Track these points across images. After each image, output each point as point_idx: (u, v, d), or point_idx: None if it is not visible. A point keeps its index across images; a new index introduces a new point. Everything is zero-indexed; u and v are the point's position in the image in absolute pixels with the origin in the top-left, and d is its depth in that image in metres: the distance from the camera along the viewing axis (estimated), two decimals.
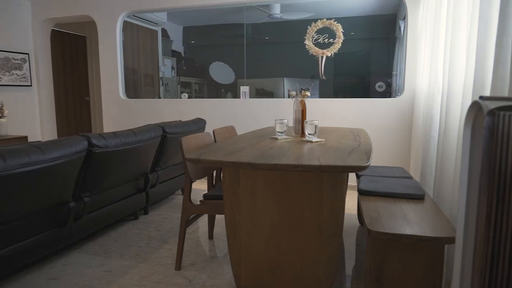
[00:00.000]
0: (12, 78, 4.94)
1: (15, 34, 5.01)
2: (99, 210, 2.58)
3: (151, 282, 2.05)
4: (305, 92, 2.39)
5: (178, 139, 3.15)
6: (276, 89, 6.08)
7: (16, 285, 2.04)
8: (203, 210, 2.17)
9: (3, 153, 1.74)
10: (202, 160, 1.60)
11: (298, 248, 1.72)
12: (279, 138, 2.24)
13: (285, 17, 5.96)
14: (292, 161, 1.50)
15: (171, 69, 6.60)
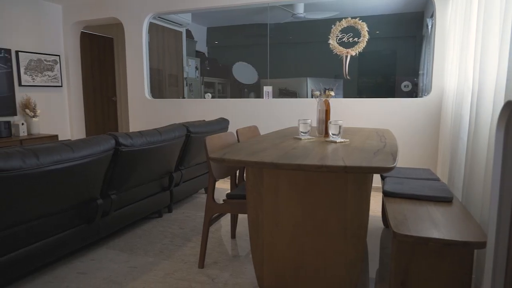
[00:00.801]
0: (44, 79, 5.14)
1: (47, 37, 5.21)
2: (125, 207, 2.64)
3: (175, 279, 2.09)
4: (329, 92, 2.36)
5: (202, 138, 3.18)
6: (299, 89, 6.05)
7: (47, 278, 2.12)
8: (226, 209, 2.19)
9: (36, 151, 1.81)
10: (226, 160, 1.62)
11: (322, 249, 1.71)
12: (302, 138, 2.22)
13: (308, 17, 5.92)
14: (316, 162, 1.49)
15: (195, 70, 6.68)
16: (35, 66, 4.99)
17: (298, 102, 4.31)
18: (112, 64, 6.79)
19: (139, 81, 5.04)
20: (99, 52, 6.46)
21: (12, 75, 4.66)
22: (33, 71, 4.98)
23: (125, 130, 6.87)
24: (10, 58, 4.63)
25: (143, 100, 5.05)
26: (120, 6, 5.00)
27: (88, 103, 6.16)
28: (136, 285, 2.03)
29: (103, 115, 6.62)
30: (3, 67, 4.55)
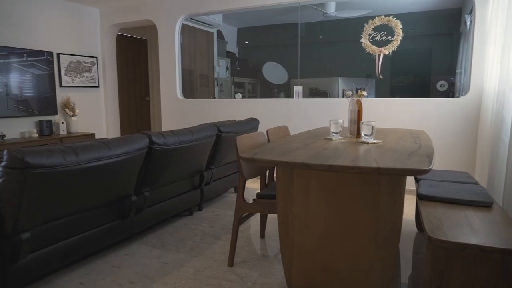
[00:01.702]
0: (82, 79, 5.37)
1: (85, 39, 5.43)
2: (157, 204, 2.72)
3: (205, 277, 2.12)
4: (362, 91, 2.32)
5: (232, 138, 3.21)
6: (330, 89, 5.98)
7: (84, 270, 2.21)
8: (256, 209, 2.20)
9: (75, 149, 1.90)
10: (256, 160, 1.63)
11: (352, 252, 1.68)
12: (333, 138, 2.20)
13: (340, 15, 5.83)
14: (348, 163, 1.47)
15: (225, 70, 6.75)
16: (74, 67, 5.23)
17: (328, 102, 4.26)
18: (146, 65, 6.98)
19: (171, 82, 5.15)
20: (133, 53, 6.67)
21: (53, 76, 4.90)
22: (73, 72, 5.21)
23: (158, 129, 7.04)
24: (52, 60, 4.87)
25: (175, 100, 5.16)
26: (154, 8, 5.13)
27: (123, 103, 6.37)
28: (167, 280, 2.08)
29: (137, 115, 6.82)
30: (46, 68, 4.79)
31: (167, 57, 5.14)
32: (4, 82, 4.34)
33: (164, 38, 5.13)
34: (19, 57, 4.48)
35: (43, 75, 4.76)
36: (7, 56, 4.35)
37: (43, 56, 4.75)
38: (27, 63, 4.57)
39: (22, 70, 4.52)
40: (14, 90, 4.45)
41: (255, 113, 4.62)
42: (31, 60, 4.62)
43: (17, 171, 1.67)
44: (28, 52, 4.58)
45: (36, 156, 1.71)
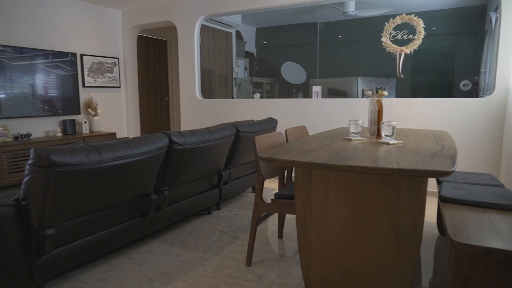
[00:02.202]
0: (105, 80, 5.49)
1: (108, 41, 5.55)
2: (176, 203, 2.75)
3: (223, 276, 2.13)
4: (382, 91, 2.29)
5: (251, 138, 3.22)
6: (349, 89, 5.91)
7: (106, 266, 2.26)
8: (274, 209, 2.20)
9: (98, 147, 1.94)
10: (275, 160, 1.62)
11: (371, 254, 1.66)
12: (353, 139, 2.17)
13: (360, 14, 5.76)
14: (368, 163, 1.45)
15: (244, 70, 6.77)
16: (97, 68, 5.35)
17: (348, 102, 4.21)
18: (165, 66, 7.08)
19: (190, 82, 5.21)
20: (153, 54, 6.77)
21: (77, 77, 5.03)
22: (95, 73, 5.33)
23: (177, 129, 7.13)
24: (76, 61, 5.00)
25: (194, 100, 5.21)
26: (174, 9, 5.20)
27: (143, 102, 6.48)
28: (186, 278, 2.10)
29: (156, 114, 6.92)
30: (70, 69, 4.92)
31: (186, 57, 5.20)
32: (31, 82, 4.48)
33: (183, 38, 5.19)
34: (45, 58, 4.62)
35: (67, 75, 4.89)
36: (33, 58, 4.49)
37: (67, 57, 4.88)
38: (52, 64, 4.70)
39: (47, 71, 4.65)
40: (40, 91, 4.59)
41: (273, 113, 4.62)
42: (56, 61, 4.75)
43: (43, 169, 1.73)
44: (53, 53, 4.71)
45: (61, 154, 1.76)
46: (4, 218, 1.72)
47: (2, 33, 4.25)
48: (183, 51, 5.22)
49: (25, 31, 4.48)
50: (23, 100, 4.42)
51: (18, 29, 4.41)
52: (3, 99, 4.22)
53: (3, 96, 4.22)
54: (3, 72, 4.20)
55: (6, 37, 4.29)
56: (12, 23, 4.35)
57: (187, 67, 5.21)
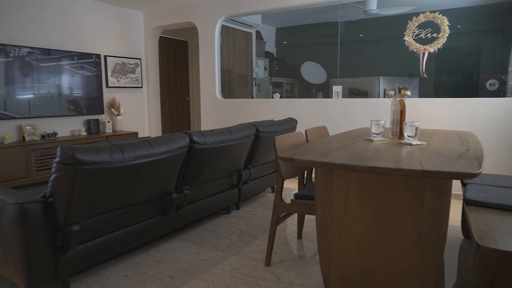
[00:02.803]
0: (127, 80, 5.61)
1: (130, 42, 5.67)
2: (196, 202, 2.78)
3: (242, 275, 2.14)
4: (405, 91, 2.24)
5: (270, 138, 3.22)
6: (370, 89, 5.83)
7: (128, 263, 2.31)
8: (293, 209, 2.19)
9: (121, 146, 1.99)
10: (295, 160, 1.62)
11: (393, 257, 1.63)
12: (374, 139, 2.14)
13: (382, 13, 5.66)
14: (391, 164, 1.43)
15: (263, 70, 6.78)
16: (120, 69, 5.47)
17: (369, 102, 4.15)
18: (186, 66, 7.17)
19: (210, 82, 5.25)
20: (174, 54, 6.86)
21: (101, 78, 5.15)
22: (118, 74, 5.45)
23: (197, 129, 7.21)
24: (100, 62, 5.12)
25: (214, 99, 5.25)
26: (195, 10, 5.25)
27: (164, 102, 6.58)
28: (206, 277, 2.12)
29: (177, 114, 7.02)
30: (94, 70, 5.05)
31: (206, 57, 5.25)
32: (57, 83, 4.62)
33: (204, 39, 5.24)
34: (70, 59, 4.75)
35: (91, 76, 5.02)
36: (59, 59, 4.63)
37: (91, 59, 5.01)
38: (77, 65, 4.84)
39: (73, 72, 4.79)
40: (65, 91, 4.73)
41: (293, 113, 4.60)
42: (81, 63, 4.88)
43: (69, 167, 1.78)
44: (78, 54, 4.85)
45: (86, 153, 1.81)
46: (32, 214, 1.79)
47: (30, 35, 4.40)
48: (204, 51, 5.27)
49: (52, 33, 4.62)
50: (50, 100, 4.56)
51: (45, 31, 4.56)
52: (32, 99, 4.37)
53: (32, 96, 4.37)
54: (31, 73, 4.35)
55: (34, 39, 4.44)
56: (40, 26, 4.50)
57: (207, 67, 5.26)
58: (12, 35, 4.23)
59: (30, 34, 4.40)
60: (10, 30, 4.22)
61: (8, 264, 1.87)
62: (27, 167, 4.02)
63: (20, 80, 4.25)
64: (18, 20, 4.30)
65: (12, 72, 4.19)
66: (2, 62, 4.10)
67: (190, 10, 5.31)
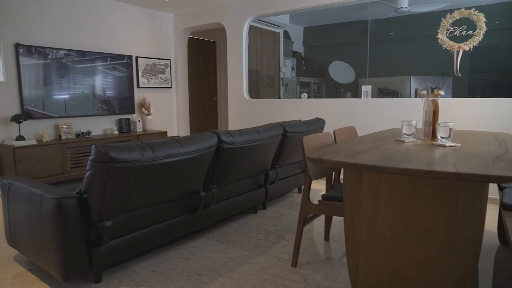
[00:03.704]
0: (157, 81, 5.74)
1: (160, 43, 5.80)
2: (224, 201, 2.81)
3: (269, 275, 2.15)
4: (438, 91, 2.17)
5: (298, 138, 3.21)
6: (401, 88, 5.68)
7: (157, 259, 2.36)
8: (321, 210, 2.17)
9: (152, 145, 2.04)
10: (324, 160, 1.61)
11: (425, 263, 1.59)
12: (406, 140, 2.09)
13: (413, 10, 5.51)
14: (423, 166, 1.39)
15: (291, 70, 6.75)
16: (150, 69, 5.60)
17: (400, 102, 4.05)
18: (214, 66, 7.25)
19: (238, 82, 5.29)
20: (203, 55, 6.96)
21: (132, 78, 5.30)
22: (148, 74, 5.59)
23: (224, 128, 7.28)
24: (131, 63, 5.27)
25: (242, 100, 5.28)
26: (224, 11, 5.30)
27: (192, 102, 6.69)
28: (232, 275, 2.14)
29: (205, 114, 7.11)
30: (126, 71, 5.21)
31: (234, 58, 5.28)
32: (91, 84, 4.80)
33: (232, 39, 5.28)
34: (104, 61, 4.92)
35: (123, 77, 5.18)
36: (93, 61, 4.80)
37: (123, 60, 5.16)
38: (110, 66, 5.00)
39: (106, 73, 4.96)
40: (99, 91, 4.90)
41: (321, 113, 4.56)
42: (114, 64, 5.04)
43: (103, 165, 1.84)
44: (111, 56, 5.01)
45: (119, 151, 1.87)
46: (68, 209, 1.86)
47: (67, 38, 4.59)
48: (232, 52, 5.31)
49: (87, 36, 4.80)
50: (84, 100, 4.74)
51: (81, 34, 4.74)
52: (68, 99, 4.56)
53: (67, 96, 4.56)
54: (67, 74, 4.54)
55: (71, 42, 4.62)
56: (76, 29, 4.69)
57: (235, 67, 5.30)
58: (50, 38, 4.43)
59: (66, 37, 4.59)
60: (48, 33, 4.42)
61: (46, 256, 1.96)
62: (63, 164, 4.19)
63: (57, 81, 4.45)
64: (56, 24, 4.49)
65: (50, 74, 4.39)
66: (41, 64, 4.30)
67: (218, 11, 5.36)
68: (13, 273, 2.18)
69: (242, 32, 5.16)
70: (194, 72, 6.73)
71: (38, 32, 4.34)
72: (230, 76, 5.38)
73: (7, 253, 2.46)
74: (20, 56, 4.12)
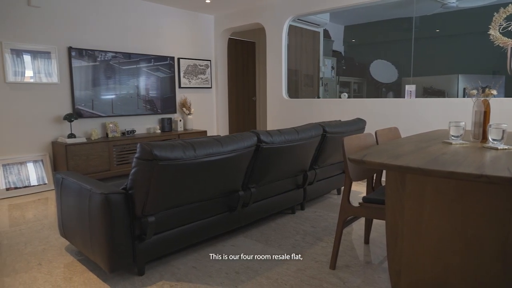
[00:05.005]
0: (198, 81, 5.87)
1: (201, 44, 5.93)
2: (262, 200, 2.82)
3: (306, 276, 2.13)
4: (490, 90, 2.05)
5: (337, 138, 3.15)
6: (448, 88, 5.42)
7: (197, 256, 2.42)
8: (361, 213, 2.12)
9: (193, 144, 2.09)
10: (366, 162, 1.57)
11: (473, 272, 1.50)
12: (453, 142, 1.99)
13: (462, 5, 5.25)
14: (473, 170, 1.32)
15: (330, 69, 6.65)
16: (191, 70, 5.75)
17: (446, 102, 3.87)
18: (253, 67, 7.30)
19: (277, 82, 5.29)
20: (242, 55, 7.03)
21: (174, 79, 5.47)
22: (190, 75, 5.74)
23: (262, 128, 7.31)
24: (173, 64, 5.44)
25: (281, 99, 5.28)
26: (264, 11, 5.33)
27: (232, 102, 6.77)
28: (270, 275, 2.15)
29: (244, 114, 7.18)
30: (168, 72, 5.38)
31: (274, 58, 5.29)
32: (136, 84, 5.00)
33: (271, 39, 5.29)
34: (148, 62, 5.11)
35: (165, 77, 5.35)
36: (138, 62, 5.00)
37: (166, 61, 5.33)
38: (153, 68, 5.18)
39: (149, 74, 5.14)
40: (142, 92, 5.09)
41: (361, 113, 4.45)
42: (157, 65, 5.23)
43: (147, 162, 1.92)
44: (155, 57, 5.19)
45: (162, 149, 1.93)
46: (115, 204, 1.96)
47: (115, 41, 4.82)
48: (271, 52, 5.32)
49: (133, 38, 5.01)
50: (129, 100, 4.95)
51: (127, 37, 4.95)
52: (114, 99, 4.79)
53: (114, 96, 4.78)
54: (114, 76, 4.76)
55: (118, 45, 4.85)
56: (123, 32, 4.91)
57: (274, 67, 5.30)
58: (99, 41, 4.67)
59: (114, 40, 4.82)
60: (98, 37, 4.66)
61: (94, 247, 2.07)
62: (109, 161, 4.40)
63: (104, 82, 4.68)
64: (105, 28, 4.72)
65: (99, 75, 4.62)
66: (91, 66, 4.54)
67: (258, 11, 5.39)
68: (65, 263, 2.33)
69: (281, 32, 5.15)
70: (233, 72, 6.82)
71: (89, 36, 4.58)
72: (269, 76, 5.39)
73: (59, 243, 2.63)
74: (72, 59, 4.38)
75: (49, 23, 4.25)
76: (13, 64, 3.99)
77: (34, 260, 2.37)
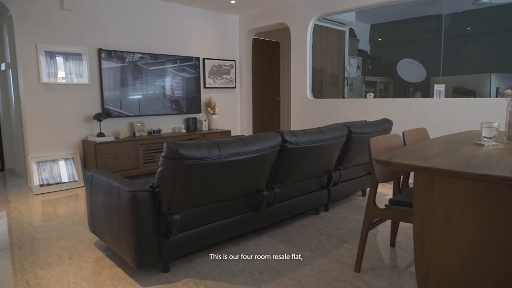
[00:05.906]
0: (222, 81, 5.92)
1: (226, 44, 5.98)
2: (286, 201, 2.82)
3: (330, 278, 2.11)
4: None
5: (363, 139, 3.10)
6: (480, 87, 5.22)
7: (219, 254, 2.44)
8: (387, 215, 2.08)
9: (218, 143, 2.11)
10: (393, 163, 1.54)
11: (505, 279, 1.45)
12: (486, 144, 1.92)
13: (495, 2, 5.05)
14: (508, 173, 1.27)
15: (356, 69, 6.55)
16: (216, 70, 5.80)
17: (478, 102, 3.73)
18: (278, 66, 7.29)
19: (301, 82, 5.26)
20: (267, 55, 7.03)
21: (199, 79, 5.54)
22: (214, 75, 5.79)
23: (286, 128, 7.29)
24: (198, 65, 5.51)
25: (305, 99, 5.25)
26: (288, 11, 5.31)
27: (256, 102, 6.79)
28: (293, 276, 2.14)
29: (268, 114, 7.18)
30: (193, 72, 5.45)
31: (298, 58, 5.26)
32: (162, 84, 5.10)
33: (296, 39, 5.26)
34: (173, 63, 5.20)
35: (191, 78, 5.43)
36: (164, 63, 5.10)
37: (191, 62, 5.40)
38: (179, 68, 5.27)
39: (175, 74, 5.23)
40: (168, 92, 5.19)
41: (388, 113, 4.36)
42: (182, 65, 5.31)
43: (173, 161, 1.95)
44: (181, 58, 5.28)
45: (188, 149, 1.96)
46: (142, 202, 2.00)
47: (142, 42, 4.93)
48: (296, 51, 5.30)
49: (159, 39, 5.11)
50: (156, 100, 5.05)
51: (154, 38, 5.06)
52: (141, 99, 4.90)
53: (141, 96, 4.90)
54: (141, 76, 4.87)
55: (145, 46, 4.96)
56: (150, 34, 5.01)
57: (299, 67, 5.28)
58: (127, 42, 4.79)
59: (141, 41, 4.93)
60: (126, 38, 4.78)
61: (122, 243, 2.13)
62: (136, 160, 4.51)
63: (132, 82, 4.79)
64: (133, 29, 4.84)
65: (127, 76, 4.74)
66: (119, 67, 4.67)
67: (283, 11, 5.38)
68: (94, 257, 2.40)
69: (306, 31, 5.12)
70: (257, 72, 6.83)
71: (117, 38, 4.71)
72: (294, 76, 5.37)
73: (89, 238, 2.72)
74: (102, 60, 4.51)
75: (80, 25, 4.40)
76: (46, 66, 4.15)
77: (65, 254, 2.46)
